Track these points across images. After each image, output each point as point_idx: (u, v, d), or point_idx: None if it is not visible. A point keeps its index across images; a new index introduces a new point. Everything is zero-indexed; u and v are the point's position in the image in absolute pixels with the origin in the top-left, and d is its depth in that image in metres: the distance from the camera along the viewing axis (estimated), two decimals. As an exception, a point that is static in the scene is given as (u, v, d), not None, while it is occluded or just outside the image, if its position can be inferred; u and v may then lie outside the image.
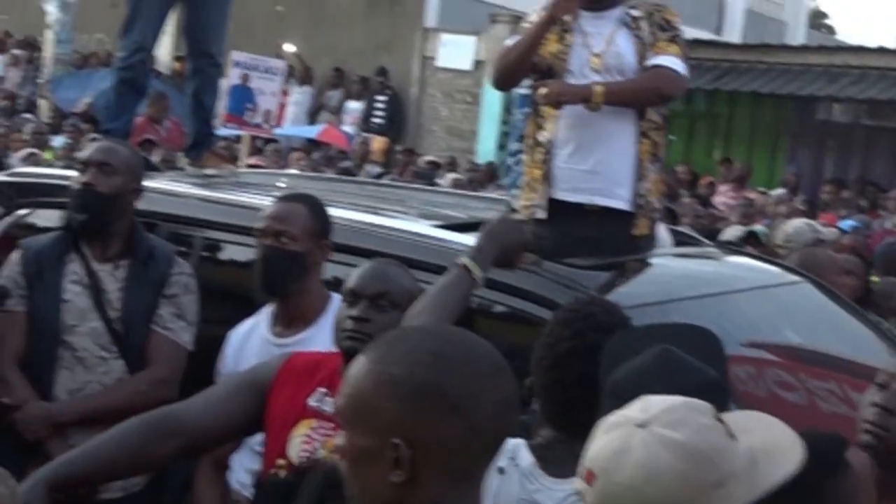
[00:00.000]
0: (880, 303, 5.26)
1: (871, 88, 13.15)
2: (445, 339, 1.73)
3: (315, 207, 3.44)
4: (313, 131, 14.62)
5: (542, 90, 3.72)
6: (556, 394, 2.56)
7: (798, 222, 6.75)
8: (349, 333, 2.85)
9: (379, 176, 10.40)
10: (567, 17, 3.79)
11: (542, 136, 3.83)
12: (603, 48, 3.77)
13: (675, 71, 3.74)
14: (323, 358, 3.00)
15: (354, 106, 16.09)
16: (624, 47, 3.77)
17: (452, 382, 1.66)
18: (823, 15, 38.40)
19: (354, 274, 2.97)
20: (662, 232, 4.07)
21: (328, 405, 2.85)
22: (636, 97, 3.77)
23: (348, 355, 2.83)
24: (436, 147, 15.29)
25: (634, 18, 3.81)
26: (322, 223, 3.42)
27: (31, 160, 8.37)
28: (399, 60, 16.31)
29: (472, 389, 1.66)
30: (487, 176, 12.11)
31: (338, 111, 16.22)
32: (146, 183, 3.81)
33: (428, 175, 10.92)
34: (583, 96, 3.68)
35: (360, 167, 11.94)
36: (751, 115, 14.55)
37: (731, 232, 7.00)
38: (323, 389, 2.90)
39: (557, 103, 3.73)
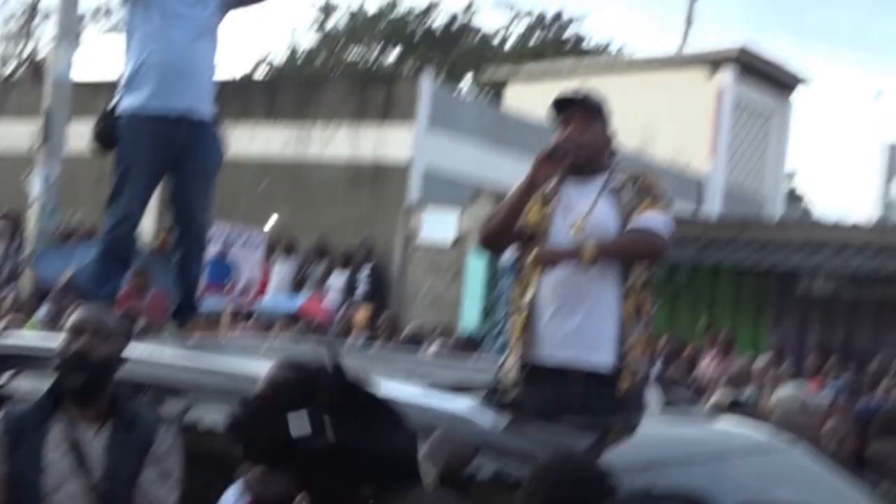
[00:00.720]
0: (877, 465, 5.19)
1: (850, 262, 13.30)
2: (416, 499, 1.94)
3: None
4: (295, 304, 14.60)
5: (532, 254, 3.78)
6: None
7: (786, 388, 6.72)
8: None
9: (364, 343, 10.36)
10: (550, 185, 3.86)
11: (526, 298, 3.86)
12: (584, 214, 3.81)
13: (659, 231, 3.79)
14: None
15: (338, 280, 16.13)
16: (605, 213, 3.82)
17: None
18: (799, 199, 38.97)
19: None
20: (652, 395, 4.03)
21: None
22: (625, 253, 3.80)
23: None
24: (419, 319, 15.29)
25: (617, 185, 3.87)
26: None
27: (13, 327, 8.35)
28: (382, 234, 16.45)
29: None
30: (468, 346, 12.05)
31: (321, 283, 16.27)
32: (133, 345, 3.80)
33: (412, 344, 10.88)
34: (572, 254, 3.72)
35: (344, 337, 11.90)
36: (733, 288, 14.65)
37: (719, 397, 6.94)
38: None
39: (549, 264, 3.76)
